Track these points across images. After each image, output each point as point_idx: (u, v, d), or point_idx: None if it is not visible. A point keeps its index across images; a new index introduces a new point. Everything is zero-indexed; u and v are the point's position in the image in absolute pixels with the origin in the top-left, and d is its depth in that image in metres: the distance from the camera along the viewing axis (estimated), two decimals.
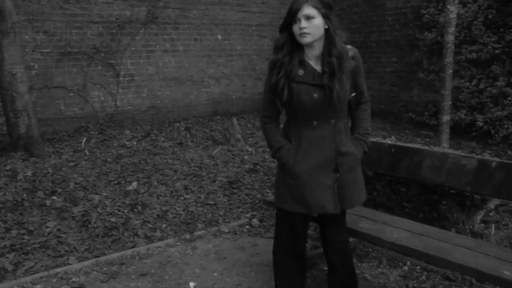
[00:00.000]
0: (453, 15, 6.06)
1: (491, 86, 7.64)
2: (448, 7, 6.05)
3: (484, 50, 7.64)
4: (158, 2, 9.40)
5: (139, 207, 5.02)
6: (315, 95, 2.56)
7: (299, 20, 2.51)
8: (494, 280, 2.52)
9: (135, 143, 7.75)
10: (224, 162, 6.72)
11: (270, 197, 4.06)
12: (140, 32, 9.32)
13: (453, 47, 6.17)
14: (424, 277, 3.63)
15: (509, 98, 7.35)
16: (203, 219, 4.83)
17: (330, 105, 2.56)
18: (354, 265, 3.01)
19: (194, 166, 6.51)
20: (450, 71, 6.17)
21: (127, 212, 4.91)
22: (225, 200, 5.36)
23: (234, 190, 5.63)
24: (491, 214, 4.60)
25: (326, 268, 3.27)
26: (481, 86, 7.76)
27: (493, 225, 4.26)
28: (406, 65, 9.65)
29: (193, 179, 6.00)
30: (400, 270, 3.76)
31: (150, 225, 4.64)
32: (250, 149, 7.37)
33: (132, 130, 8.60)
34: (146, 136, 8.26)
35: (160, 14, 9.49)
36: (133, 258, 3.98)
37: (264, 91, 2.80)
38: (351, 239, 3.89)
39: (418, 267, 3.76)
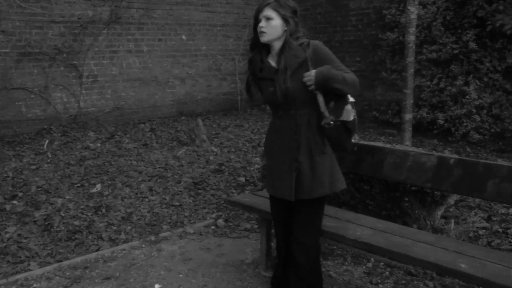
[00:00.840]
0: (413, 16, 6.17)
1: (450, 85, 7.84)
2: (409, 8, 6.15)
3: (444, 50, 7.83)
4: (122, 2, 9.29)
5: (103, 210, 4.95)
6: (271, 89, 2.78)
7: (260, 20, 2.75)
8: (452, 273, 2.59)
9: (99, 145, 7.64)
10: (189, 162, 6.69)
11: (235, 197, 4.07)
12: (103, 32, 9.20)
13: (414, 47, 6.28)
14: (387, 273, 3.70)
15: (467, 97, 7.55)
16: (168, 221, 4.79)
17: (280, 98, 2.74)
18: (321, 270, 3.00)
19: (159, 167, 6.47)
20: (411, 71, 6.28)
21: (91, 215, 4.83)
22: (190, 201, 5.33)
23: (200, 191, 5.61)
24: (451, 209, 4.71)
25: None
26: (441, 85, 7.96)
27: (452, 220, 4.37)
28: (369, 65, 9.81)
29: (158, 180, 5.96)
30: (364, 266, 3.81)
31: (114, 228, 4.58)
32: (215, 150, 7.35)
33: (96, 132, 8.47)
34: (111, 137, 8.15)
35: (124, 14, 9.39)
36: (97, 262, 3.93)
37: None
38: None
39: (382, 263, 3.83)
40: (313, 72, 2.68)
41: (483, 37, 7.67)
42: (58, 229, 4.47)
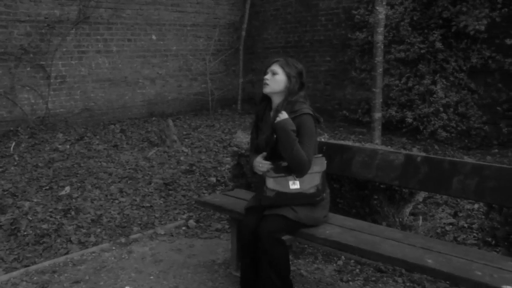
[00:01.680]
0: (381, 16, 6.26)
1: (418, 84, 7.98)
2: (377, 8, 6.25)
3: (411, 49, 7.97)
4: (90, 1, 9.16)
5: (73, 212, 4.88)
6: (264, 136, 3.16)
7: (267, 73, 3.13)
8: (419, 269, 2.63)
9: (68, 146, 7.52)
10: (160, 163, 6.65)
11: (206, 197, 4.06)
12: (72, 32, 9.06)
13: (382, 47, 6.38)
14: (357, 270, 3.74)
15: (435, 95, 7.70)
16: (139, 222, 4.75)
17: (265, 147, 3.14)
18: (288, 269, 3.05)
19: (129, 169, 6.41)
20: (380, 70, 6.38)
21: (60, 218, 4.75)
22: (161, 202, 5.30)
23: (170, 192, 5.58)
24: (419, 206, 4.80)
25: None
26: (410, 84, 8.09)
27: (420, 217, 4.45)
28: (339, 64, 9.90)
29: (129, 181, 5.90)
30: (335, 264, 3.85)
31: (84, 230, 4.52)
32: (186, 150, 7.32)
33: (65, 134, 8.34)
34: (80, 139, 8.04)
35: (92, 13, 9.26)
36: (66, 265, 3.87)
37: None
38: (287, 237, 3.98)
39: (352, 261, 3.87)
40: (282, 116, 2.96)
41: (449, 37, 7.84)
42: (25, 233, 4.38)
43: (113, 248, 4.20)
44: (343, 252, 3.76)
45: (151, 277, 3.68)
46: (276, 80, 3.10)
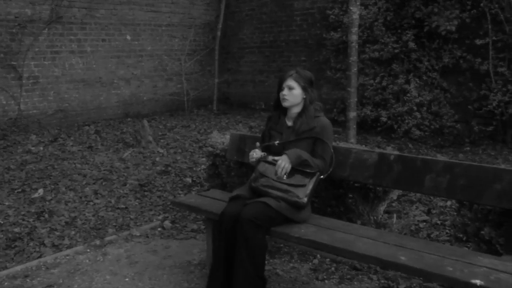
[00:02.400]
0: (355, 16, 6.31)
1: (392, 83, 8.08)
2: (351, 8, 6.29)
3: (385, 49, 8.06)
4: (62, 1, 9.04)
5: (46, 215, 4.81)
6: (277, 140, 3.38)
7: (283, 88, 3.34)
8: (393, 266, 2.66)
9: (41, 148, 7.41)
10: (135, 164, 6.60)
11: (181, 198, 4.04)
12: (44, 32, 8.92)
13: (357, 47, 6.43)
14: (333, 268, 3.77)
15: (408, 95, 7.80)
16: (114, 224, 4.71)
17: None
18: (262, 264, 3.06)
19: (104, 170, 6.34)
20: (355, 69, 6.42)
21: (33, 221, 4.68)
22: (137, 203, 5.26)
23: (146, 193, 5.54)
24: (394, 204, 4.86)
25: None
26: (384, 83, 8.18)
27: (395, 215, 4.51)
28: (314, 64, 9.96)
29: (103, 183, 5.84)
30: (310, 263, 3.87)
31: (57, 233, 4.45)
32: (161, 151, 7.28)
33: (38, 135, 8.21)
34: (54, 140, 7.93)
35: (65, 13, 9.14)
36: (39, 269, 3.80)
37: None
38: None
39: (328, 259, 3.89)
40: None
41: (421, 37, 7.96)
42: None
43: (88, 250, 4.15)
44: (318, 250, 3.78)
45: (126, 279, 3.64)
46: (293, 94, 3.34)
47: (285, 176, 3.15)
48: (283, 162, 3.15)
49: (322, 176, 3.25)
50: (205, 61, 11.83)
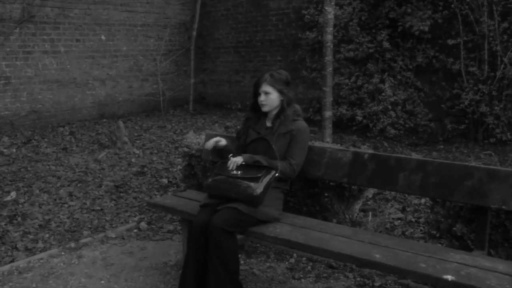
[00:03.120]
0: (330, 16, 6.35)
1: (367, 82, 8.16)
2: (326, 8, 6.33)
3: (360, 49, 8.13)
4: (34, 0, 8.89)
5: (19, 218, 4.73)
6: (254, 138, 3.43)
7: (260, 94, 3.39)
8: (367, 264, 2.69)
9: (14, 150, 7.29)
10: (110, 166, 6.54)
11: (156, 199, 4.02)
12: (15, 32, 8.77)
13: (332, 46, 6.47)
14: (309, 267, 3.79)
15: (383, 94, 7.89)
16: (89, 226, 4.66)
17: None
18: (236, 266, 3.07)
19: (79, 172, 6.27)
20: (330, 69, 6.46)
21: (5, 224, 4.60)
22: (112, 204, 5.21)
23: (121, 194, 5.50)
24: (369, 202, 4.91)
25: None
26: (359, 82, 8.26)
27: (370, 213, 4.56)
28: (290, 64, 9.99)
29: (78, 185, 5.77)
30: (287, 262, 3.88)
31: (31, 236, 4.39)
32: (137, 152, 7.23)
33: (11, 137, 8.07)
34: (27, 142, 7.80)
35: (38, 12, 8.99)
36: (11, 274, 3.74)
37: None
38: (239, 237, 3.98)
39: (304, 258, 3.92)
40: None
41: (395, 37, 8.06)
42: None
43: (62, 253, 4.10)
44: (294, 250, 3.80)
45: (102, 282, 3.61)
46: (270, 99, 3.39)
47: (237, 172, 3.16)
48: (236, 158, 3.21)
49: (277, 174, 3.21)
50: (181, 61, 11.78)
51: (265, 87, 3.38)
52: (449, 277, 2.37)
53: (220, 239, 2.93)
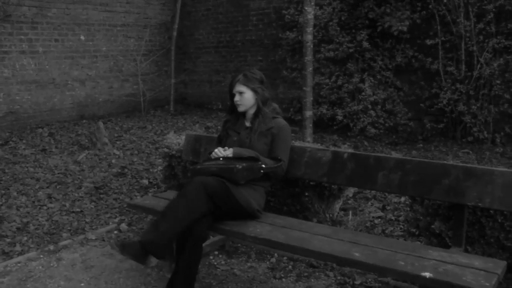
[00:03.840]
0: (310, 16, 6.38)
1: (347, 82, 8.21)
2: (306, 8, 6.36)
3: (340, 49, 8.18)
4: None
5: None
6: (234, 138, 3.49)
7: (234, 95, 3.45)
8: (347, 262, 2.72)
9: None
10: (90, 167, 6.48)
11: (136, 200, 4.00)
12: None
13: (312, 46, 6.50)
14: (290, 266, 3.81)
15: (363, 93, 7.95)
16: (69, 228, 4.61)
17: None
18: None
19: (58, 173, 6.20)
20: (310, 69, 6.50)
21: None
22: (92, 206, 5.17)
23: (102, 196, 5.45)
24: (349, 201, 4.95)
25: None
26: (339, 82, 8.31)
27: (350, 212, 4.59)
28: (271, 64, 10.02)
29: (58, 186, 5.71)
30: (268, 262, 3.89)
31: (8, 240, 4.32)
32: (117, 153, 7.17)
33: None
34: (4, 144, 7.69)
35: (14, 11, 8.85)
36: None
37: None
38: (218, 237, 4.00)
39: (285, 258, 3.93)
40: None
41: (375, 37, 8.13)
42: None
43: (41, 256, 4.05)
44: (275, 249, 3.81)
45: (82, 284, 3.58)
46: (245, 98, 3.44)
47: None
48: (227, 151, 3.30)
49: (263, 166, 3.23)
50: (161, 62, 11.72)
51: (239, 87, 3.44)
52: (427, 274, 2.40)
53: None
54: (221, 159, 3.24)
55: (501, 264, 2.54)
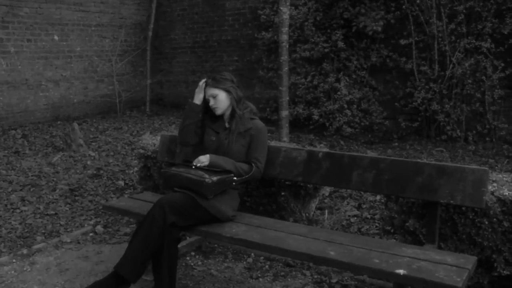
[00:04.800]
0: (285, 16, 6.40)
1: (323, 82, 8.26)
2: (281, 8, 6.38)
3: (316, 49, 8.23)
4: None
5: None
6: (212, 138, 3.47)
7: (208, 100, 3.45)
8: (323, 261, 2.74)
9: None
10: (65, 169, 6.39)
11: (111, 202, 3.97)
12: None
13: (287, 46, 6.52)
14: (267, 266, 3.82)
15: (339, 93, 8.01)
16: (43, 231, 4.54)
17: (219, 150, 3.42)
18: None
19: (32, 176, 6.11)
20: (286, 69, 6.51)
21: None
22: (67, 208, 5.10)
23: (77, 198, 5.39)
24: (326, 200, 4.98)
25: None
26: (315, 82, 8.35)
27: (326, 211, 4.62)
28: (247, 64, 10.03)
29: (31, 189, 5.62)
30: (245, 262, 3.89)
31: None
32: (93, 154, 7.09)
33: None
34: None
35: None
36: None
37: None
38: (194, 238, 3.99)
39: (262, 257, 3.93)
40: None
41: (350, 37, 8.20)
42: None
43: (14, 260, 3.97)
44: (251, 249, 3.82)
45: None
46: (220, 100, 3.42)
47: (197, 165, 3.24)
48: (204, 157, 3.27)
49: (235, 179, 3.24)
50: (137, 62, 11.63)
51: (211, 91, 3.44)
52: (401, 271, 2.43)
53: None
54: (193, 167, 3.22)
55: (472, 260, 2.59)
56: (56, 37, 9.96)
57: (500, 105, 7.28)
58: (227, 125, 3.50)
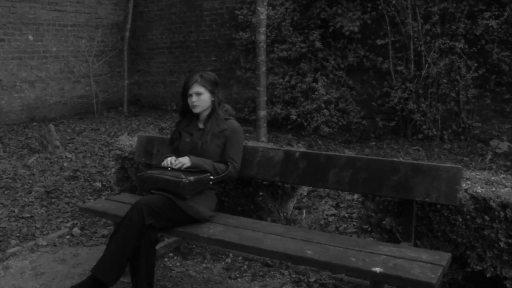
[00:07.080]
0: (263, 16, 6.43)
1: (301, 82, 8.29)
2: (258, 8, 6.40)
3: (293, 49, 8.26)
4: None
5: None
6: (187, 140, 3.47)
7: (191, 95, 3.41)
8: (300, 260, 2.75)
9: None
10: (41, 171, 6.31)
11: (88, 204, 3.93)
12: None
13: (265, 46, 6.55)
14: (245, 266, 3.82)
15: (316, 93, 8.05)
16: (18, 234, 4.47)
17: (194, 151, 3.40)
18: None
19: (6, 178, 6.01)
20: (263, 69, 6.54)
21: None
22: (43, 211, 5.03)
23: (53, 200, 5.32)
24: (304, 200, 5.00)
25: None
26: (293, 82, 8.38)
27: (304, 210, 4.64)
28: (224, 64, 10.02)
29: (6, 192, 5.53)
30: (223, 262, 3.90)
31: None
32: (69, 156, 7.01)
33: None
34: None
35: None
36: None
37: None
38: (172, 239, 3.97)
39: (240, 257, 3.94)
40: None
41: (327, 37, 8.25)
42: None
43: None
44: (229, 249, 3.82)
45: None
46: (202, 99, 3.42)
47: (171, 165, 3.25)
48: (184, 159, 3.26)
49: (212, 178, 3.25)
50: (114, 62, 11.52)
51: (197, 88, 3.42)
52: (377, 269, 2.46)
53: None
54: (169, 168, 3.22)
55: (446, 256, 2.64)
56: (30, 37, 9.81)
57: (474, 104, 7.40)
58: (201, 126, 3.50)
